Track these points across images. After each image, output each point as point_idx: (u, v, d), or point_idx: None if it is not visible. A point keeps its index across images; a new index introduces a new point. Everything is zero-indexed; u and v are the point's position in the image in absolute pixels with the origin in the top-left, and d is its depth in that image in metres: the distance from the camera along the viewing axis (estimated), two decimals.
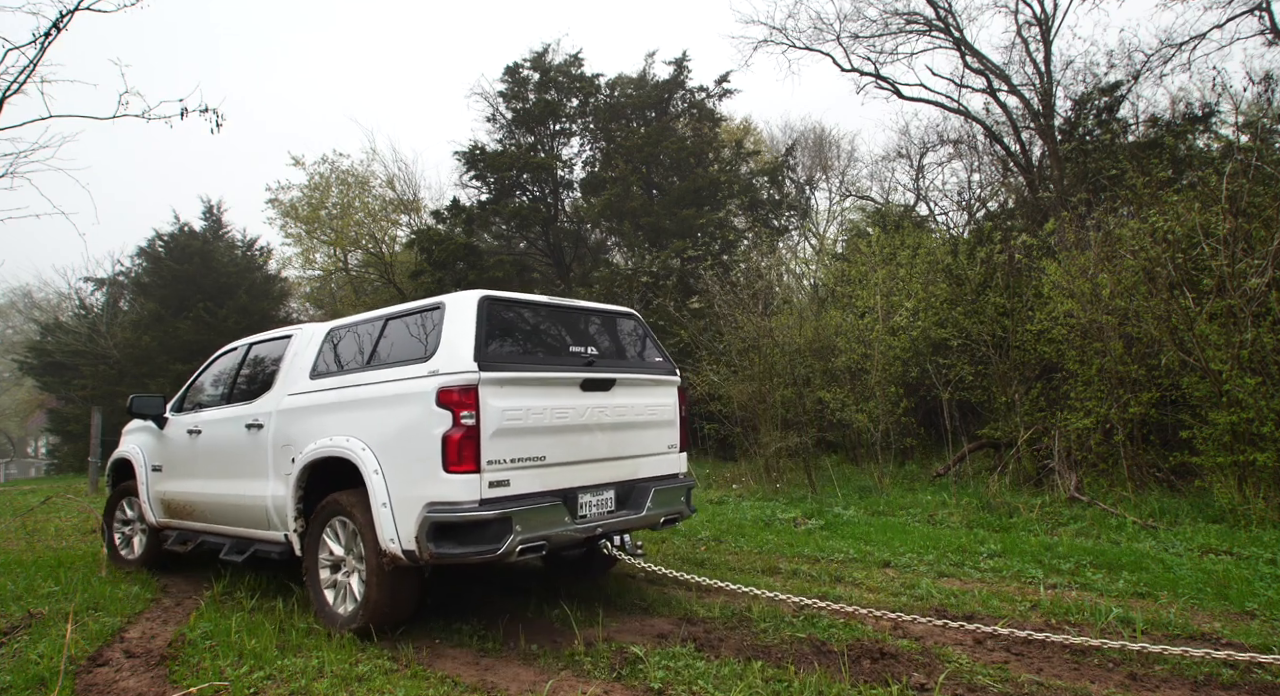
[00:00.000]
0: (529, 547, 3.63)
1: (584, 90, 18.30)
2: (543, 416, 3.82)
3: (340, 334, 4.60)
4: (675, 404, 4.70)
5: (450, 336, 3.72)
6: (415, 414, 3.62)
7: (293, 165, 22.08)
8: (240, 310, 21.87)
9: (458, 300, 3.90)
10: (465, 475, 3.48)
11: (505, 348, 3.88)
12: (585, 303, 4.69)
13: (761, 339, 9.51)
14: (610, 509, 4.15)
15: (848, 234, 18.43)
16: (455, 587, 4.98)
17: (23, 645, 3.92)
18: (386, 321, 4.29)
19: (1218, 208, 6.48)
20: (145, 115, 6.37)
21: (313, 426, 4.23)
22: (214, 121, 6.58)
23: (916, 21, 14.32)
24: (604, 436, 4.16)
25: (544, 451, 3.82)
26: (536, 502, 3.70)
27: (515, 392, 3.72)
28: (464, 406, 3.51)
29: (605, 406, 4.16)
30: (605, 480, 4.15)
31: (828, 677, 3.08)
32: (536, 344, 4.16)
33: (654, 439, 4.53)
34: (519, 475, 3.69)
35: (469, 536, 3.50)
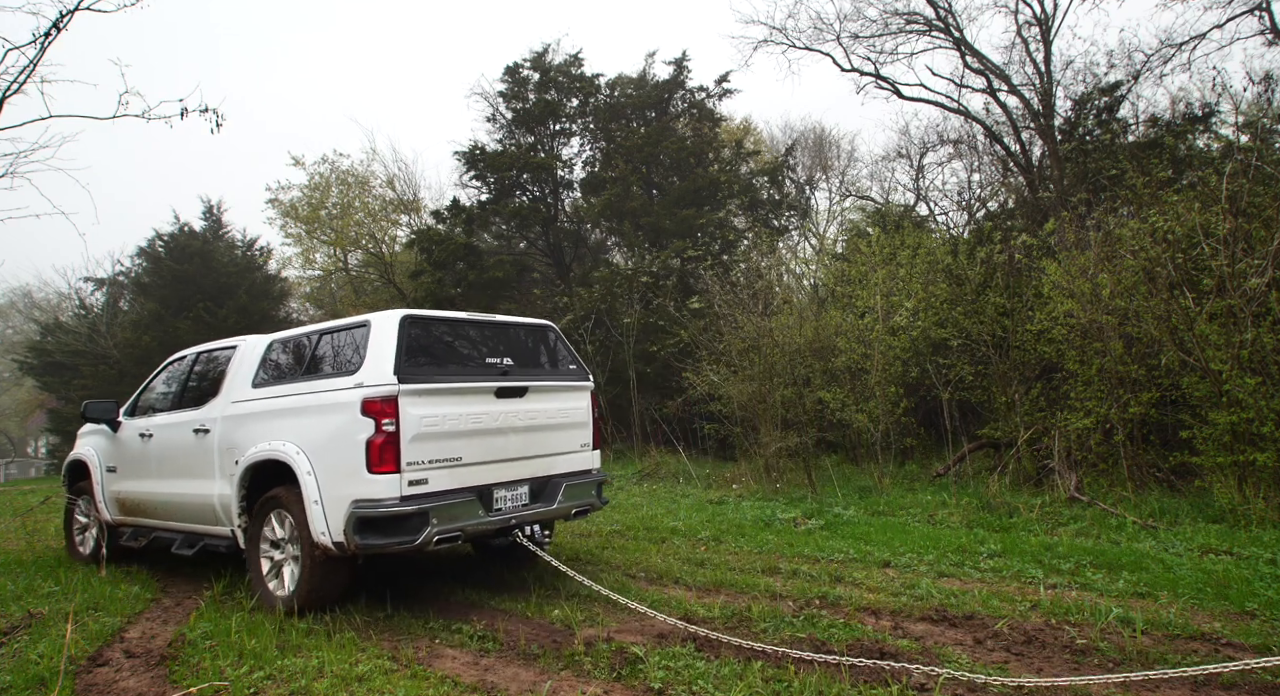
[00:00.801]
0: (445, 538, 4.10)
1: (584, 90, 18.30)
2: (459, 422, 4.30)
3: (280, 346, 5.04)
4: (588, 407, 5.20)
5: (374, 352, 4.19)
6: (343, 421, 4.08)
7: (293, 165, 22.10)
8: (240, 310, 21.87)
9: (382, 319, 4.35)
10: (387, 475, 3.95)
11: (425, 361, 4.32)
12: (502, 317, 5.11)
13: (761, 339, 9.51)
14: (524, 502, 4.63)
15: (848, 234, 18.43)
16: (456, 587, 4.98)
17: (23, 645, 3.92)
18: (321, 336, 4.76)
19: (1218, 208, 6.48)
20: (145, 115, 6.37)
21: (254, 431, 4.65)
22: (214, 121, 6.58)
23: (916, 21, 14.32)
24: (518, 438, 4.64)
25: (460, 453, 4.29)
26: (452, 498, 4.17)
27: (432, 401, 4.19)
28: (385, 415, 3.98)
29: (519, 411, 4.64)
30: (520, 477, 4.63)
31: (828, 677, 3.07)
32: (455, 356, 4.60)
33: (567, 439, 5.02)
34: (436, 474, 4.16)
35: (390, 529, 3.96)
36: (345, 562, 4.26)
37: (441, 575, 5.40)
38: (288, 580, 4.40)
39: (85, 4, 6.04)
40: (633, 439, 13.44)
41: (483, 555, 5.81)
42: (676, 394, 12.59)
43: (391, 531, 3.96)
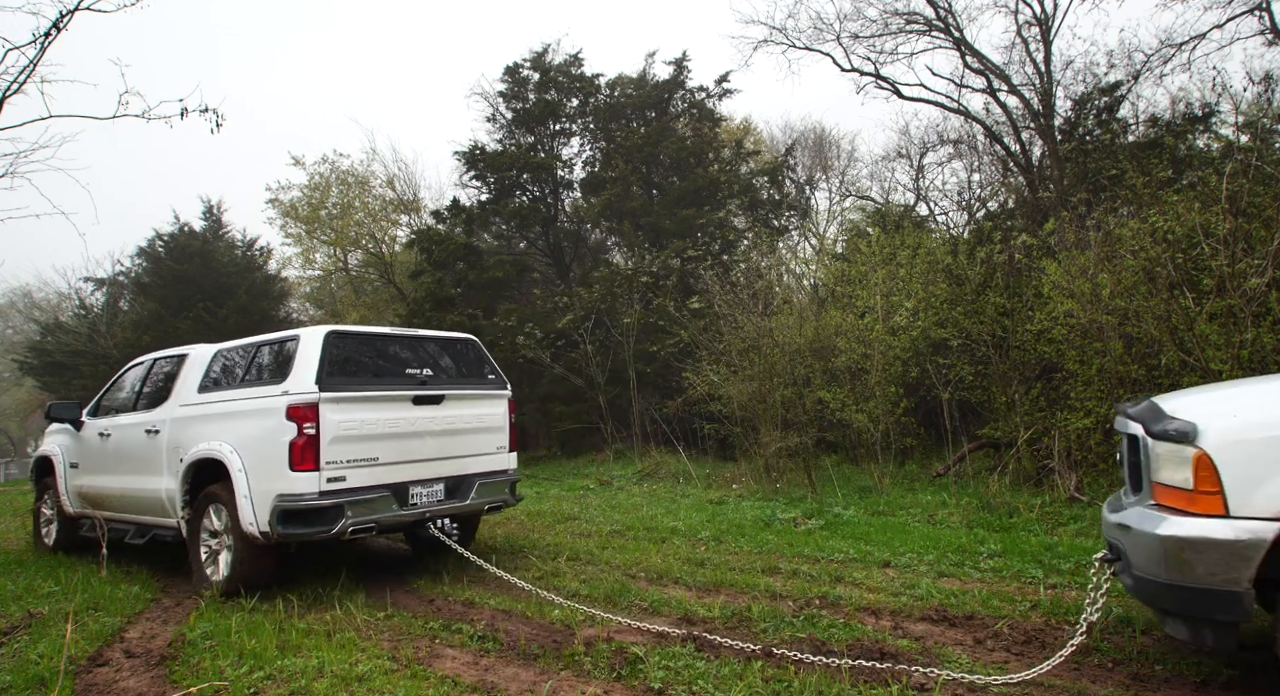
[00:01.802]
0: (360, 529, 4.63)
1: (584, 90, 18.29)
2: (376, 426, 4.81)
3: (224, 356, 5.55)
4: (505, 413, 5.72)
5: (300, 363, 4.69)
6: (270, 425, 4.58)
7: (293, 165, 22.11)
8: (240, 310, 21.87)
9: (309, 333, 4.87)
10: (307, 473, 4.48)
11: (347, 372, 4.83)
12: (424, 331, 5.63)
13: (761, 339, 9.51)
14: (440, 498, 5.17)
15: (848, 234, 18.43)
16: (456, 587, 4.98)
17: (23, 645, 3.92)
18: (259, 347, 5.27)
19: (1218, 208, 6.48)
20: (145, 115, 6.37)
21: (197, 433, 5.16)
22: (214, 121, 6.58)
23: (916, 21, 14.32)
24: (434, 441, 5.15)
25: (377, 453, 4.81)
26: (367, 494, 4.70)
27: (351, 408, 4.71)
28: (306, 420, 4.50)
29: (435, 417, 5.15)
30: (435, 475, 5.16)
31: (828, 677, 3.07)
32: (376, 368, 5.11)
33: (483, 442, 5.53)
34: (354, 472, 4.69)
35: (309, 520, 4.48)
36: (272, 550, 4.74)
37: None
38: (223, 566, 4.90)
39: (85, 4, 6.04)
40: (633, 439, 13.44)
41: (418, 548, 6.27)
42: (676, 394, 12.59)
43: (310, 522, 4.49)
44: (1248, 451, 2.50)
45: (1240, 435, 2.54)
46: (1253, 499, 2.46)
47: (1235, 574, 2.43)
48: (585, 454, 14.90)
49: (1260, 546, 2.40)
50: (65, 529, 6.65)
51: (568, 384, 14.94)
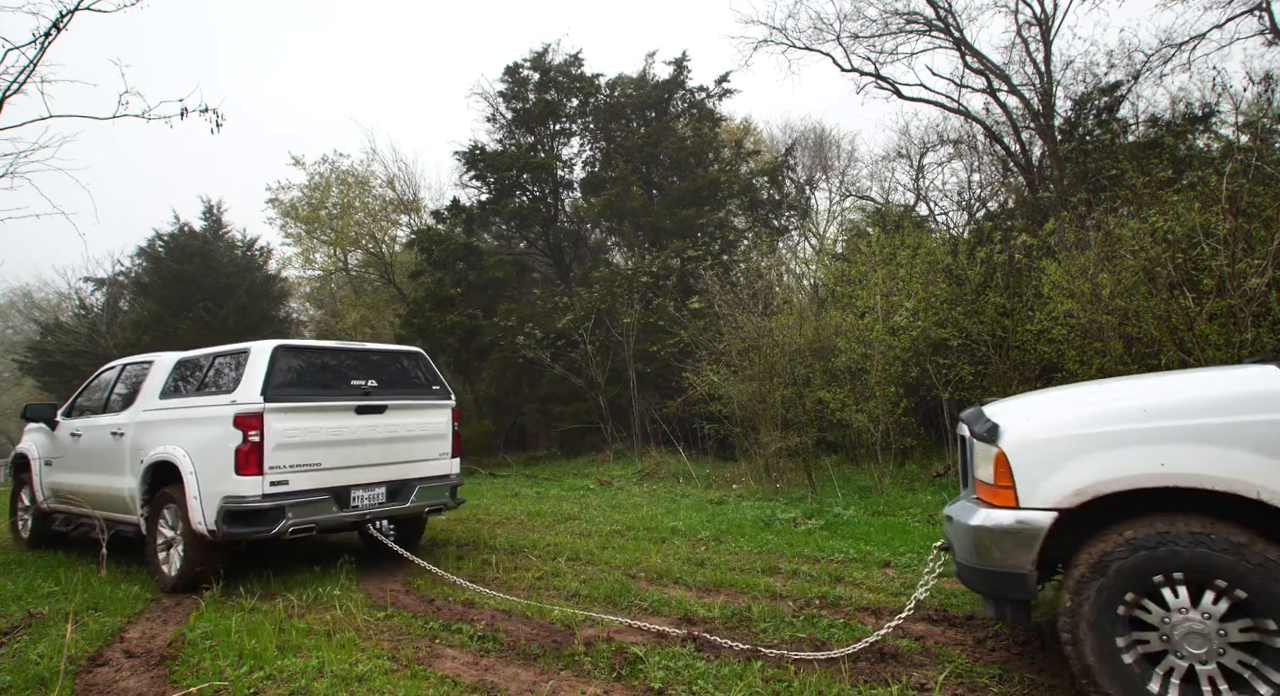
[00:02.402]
0: (300, 529, 4.97)
1: (584, 90, 18.29)
2: (319, 434, 5.15)
3: (185, 365, 5.90)
4: (448, 422, 6.05)
5: (249, 375, 5.06)
6: (219, 432, 4.93)
7: (293, 165, 22.11)
8: (240, 310, 21.86)
9: (258, 347, 5.22)
10: (251, 477, 4.82)
11: (292, 383, 5.14)
12: (371, 344, 5.94)
13: (761, 339, 9.51)
14: (381, 501, 5.49)
15: (848, 234, 18.43)
16: (456, 588, 4.99)
17: (23, 645, 3.92)
18: (215, 358, 5.62)
19: (1218, 208, 6.48)
20: (145, 115, 6.37)
21: (156, 436, 5.49)
22: (214, 121, 6.58)
23: (916, 21, 14.32)
24: (376, 447, 5.49)
25: (319, 459, 5.14)
26: (309, 497, 5.03)
27: (294, 417, 5.04)
28: (252, 428, 4.84)
29: (378, 425, 5.49)
30: (377, 479, 5.48)
31: (828, 677, 3.08)
32: (322, 379, 5.41)
33: (426, 448, 5.86)
34: (296, 477, 5.02)
35: (252, 520, 4.81)
36: (218, 548, 5.08)
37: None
38: (175, 561, 5.22)
39: (85, 4, 6.05)
40: (633, 439, 13.44)
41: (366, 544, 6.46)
42: (676, 394, 12.59)
43: (253, 522, 4.82)
44: (1035, 451, 2.82)
45: (1030, 437, 2.85)
46: (1036, 492, 2.77)
47: (1021, 558, 2.77)
48: (585, 454, 14.90)
49: (1039, 534, 2.73)
50: (39, 523, 6.95)
51: (568, 384, 14.94)
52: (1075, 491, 2.70)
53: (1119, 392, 2.96)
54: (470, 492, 11.01)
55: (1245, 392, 2.65)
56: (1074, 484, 2.70)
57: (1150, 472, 2.60)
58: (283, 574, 5.46)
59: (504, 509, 8.91)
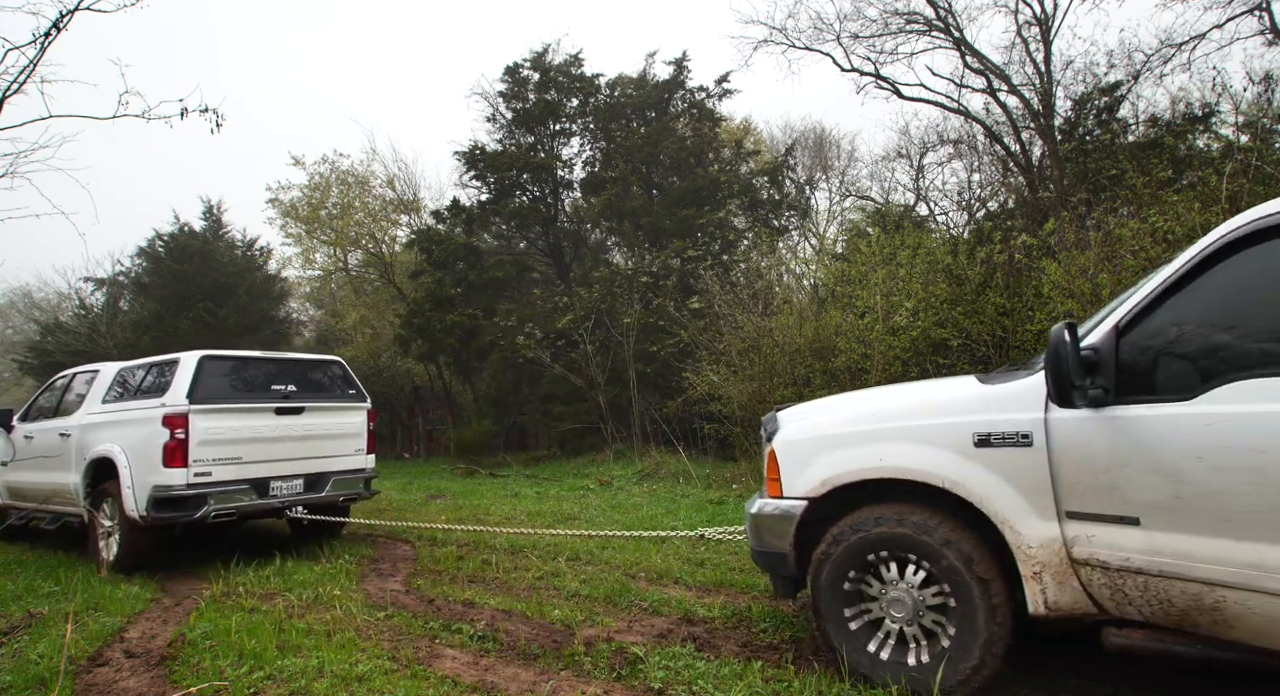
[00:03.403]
0: (221, 514, 5.67)
1: (584, 90, 18.30)
2: (240, 432, 5.85)
3: (125, 372, 6.61)
4: (363, 422, 6.78)
5: (177, 381, 5.75)
6: (150, 431, 5.60)
7: (293, 165, 22.11)
8: (240, 310, 21.87)
9: (187, 356, 5.93)
10: (178, 469, 5.53)
11: (217, 388, 5.85)
12: (292, 354, 6.78)
13: (761, 339, 9.51)
14: (299, 491, 6.21)
15: (848, 234, 18.43)
16: (456, 587, 4.98)
17: (23, 645, 3.92)
18: (150, 367, 6.31)
19: (1218, 208, 6.48)
20: (145, 115, 6.36)
21: (98, 436, 6.18)
22: (214, 121, 6.57)
23: (916, 21, 14.33)
24: (294, 444, 6.18)
25: (240, 454, 5.85)
26: (230, 487, 5.75)
27: (217, 417, 5.74)
28: (178, 427, 5.54)
29: (296, 424, 6.20)
30: (295, 472, 6.19)
31: (828, 677, 3.08)
32: (246, 384, 6.13)
33: (341, 446, 6.57)
34: (219, 469, 5.72)
35: (177, 506, 5.53)
36: (150, 532, 5.72)
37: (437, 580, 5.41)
38: (113, 547, 5.88)
39: (85, 4, 6.04)
40: (633, 439, 13.44)
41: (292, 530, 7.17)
42: (676, 394, 12.59)
43: (178, 508, 5.53)
44: (795, 449, 3.32)
45: (793, 437, 3.36)
46: (794, 484, 3.25)
47: (782, 539, 3.25)
48: (585, 454, 14.90)
49: (794, 519, 3.21)
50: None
51: (568, 384, 14.94)
52: (820, 482, 3.17)
53: (868, 399, 3.45)
54: (471, 493, 11.00)
55: (943, 399, 3.07)
56: (820, 476, 3.18)
57: (872, 466, 3.06)
58: (283, 574, 5.46)
59: (504, 509, 8.91)
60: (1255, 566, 2.27)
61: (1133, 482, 2.53)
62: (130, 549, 5.77)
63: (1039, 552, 2.71)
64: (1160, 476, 2.46)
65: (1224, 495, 2.33)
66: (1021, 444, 2.78)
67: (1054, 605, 2.71)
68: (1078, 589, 2.67)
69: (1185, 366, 2.52)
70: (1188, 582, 2.44)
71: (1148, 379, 2.57)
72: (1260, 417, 2.25)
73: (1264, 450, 2.24)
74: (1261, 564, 2.26)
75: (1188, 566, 2.42)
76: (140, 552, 5.79)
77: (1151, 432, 2.49)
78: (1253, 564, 2.27)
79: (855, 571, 3.05)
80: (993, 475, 2.82)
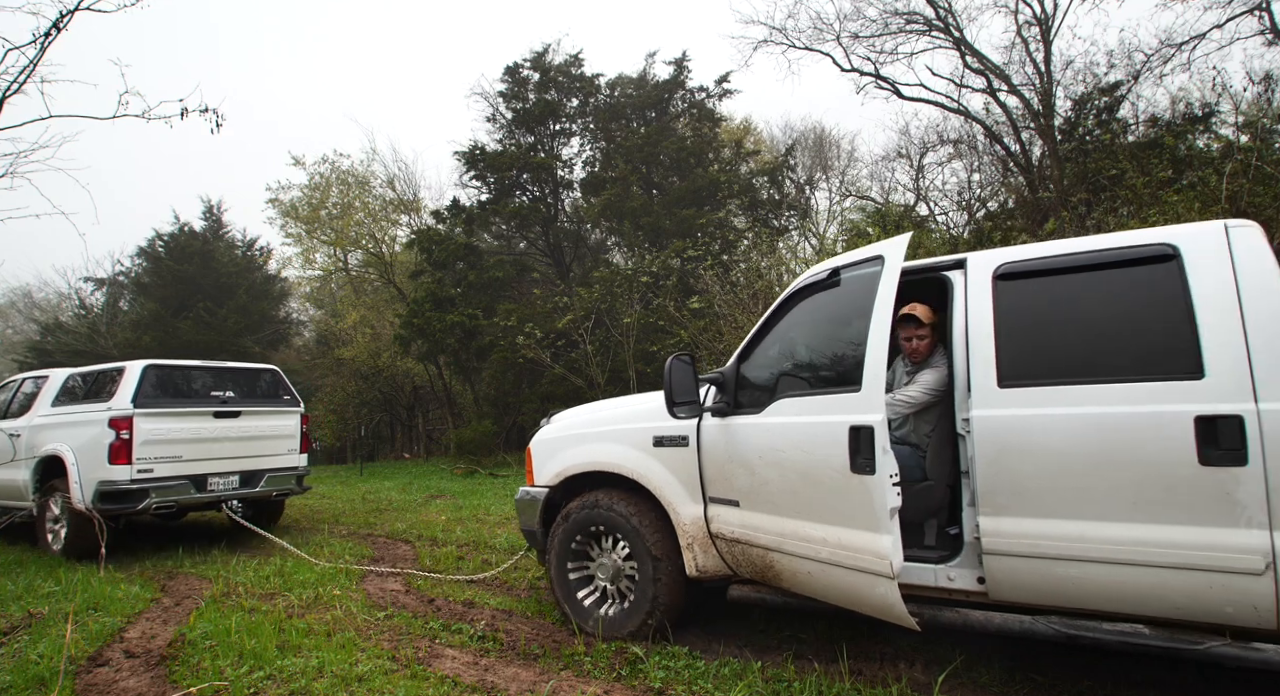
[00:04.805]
0: (162, 507, 6.32)
1: (584, 90, 18.30)
2: (181, 433, 6.46)
3: (73, 378, 7.20)
4: (296, 425, 7.41)
5: (123, 387, 6.32)
6: (98, 431, 6.18)
7: (293, 165, 22.10)
8: (240, 310, 21.88)
9: (132, 365, 6.53)
10: (122, 466, 6.09)
11: (160, 393, 6.45)
12: (230, 363, 7.39)
13: None
14: (235, 486, 6.79)
15: (848, 234, 18.40)
16: (455, 587, 4.98)
17: (23, 645, 3.92)
18: (98, 374, 6.92)
19: (1218, 207, 6.48)
20: (145, 115, 6.37)
21: (47, 436, 6.74)
22: (214, 121, 6.58)
23: (916, 21, 14.32)
24: (231, 444, 6.80)
25: (180, 453, 6.44)
26: (170, 483, 6.33)
27: (159, 420, 6.34)
28: (123, 428, 6.13)
29: (232, 427, 6.82)
30: (232, 469, 6.78)
31: (828, 678, 3.07)
32: (187, 390, 6.73)
33: (276, 446, 7.18)
34: (160, 466, 6.31)
35: (121, 499, 6.09)
36: (94, 523, 6.11)
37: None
38: (60, 536, 6.50)
39: (85, 4, 6.05)
40: None
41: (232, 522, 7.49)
42: None
43: (122, 501, 6.09)
44: (542, 447, 4.23)
45: (541, 437, 4.30)
46: (540, 475, 4.16)
47: (532, 519, 4.16)
48: None
49: (539, 503, 4.11)
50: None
51: (568, 384, 14.94)
52: (556, 474, 4.05)
53: (599, 408, 4.32)
54: (471, 493, 11.00)
55: (640, 409, 3.87)
56: (555, 469, 4.07)
57: (588, 461, 3.92)
58: (283, 574, 5.46)
59: (504, 509, 8.91)
60: (783, 535, 3.09)
61: (734, 474, 3.34)
62: (77, 539, 6.30)
63: (691, 528, 3.54)
64: (745, 469, 3.28)
65: (769, 483, 3.15)
66: (681, 444, 3.61)
67: (703, 569, 3.54)
68: (715, 556, 3.52)
69: (763, 386, 3.36)
70: (757, 548, 3.26)
71: (748, 395, 3.38)
72: (781, 426, 3.10)
73: (782, 449, 3.08)
74: (783, 533, 3.09)
75: (757, 536, 3.23)
76: (87, 542, 6.21)
77: (742, 436, 3.30)
78: (782, 533, 3.10)
79: (577, 542, 3.89)
80: (664, 469, 3.65)
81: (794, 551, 3.03)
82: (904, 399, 3.40)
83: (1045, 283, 2.84)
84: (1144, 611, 2.51)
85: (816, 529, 2.93)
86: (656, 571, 3.55)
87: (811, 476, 2.93)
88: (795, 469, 3.01)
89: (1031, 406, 2.69)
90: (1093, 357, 2.65)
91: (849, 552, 2.79)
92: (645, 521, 3.63)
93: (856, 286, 3.01)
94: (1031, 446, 2.66)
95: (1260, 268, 2.44)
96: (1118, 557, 2.47)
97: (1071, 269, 2.80)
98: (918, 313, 3.51)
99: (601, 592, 3.82)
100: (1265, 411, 2.29)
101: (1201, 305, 2.46)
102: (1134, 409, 2.49)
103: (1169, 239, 2.63)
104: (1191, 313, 2.47)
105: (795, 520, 3.02)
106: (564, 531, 3.89)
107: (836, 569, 2.86)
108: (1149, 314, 2.58)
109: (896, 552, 2.66)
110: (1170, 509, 2.40)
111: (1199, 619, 2.41)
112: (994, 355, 2.82)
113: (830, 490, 2.86)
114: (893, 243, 2.91)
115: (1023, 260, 2.92)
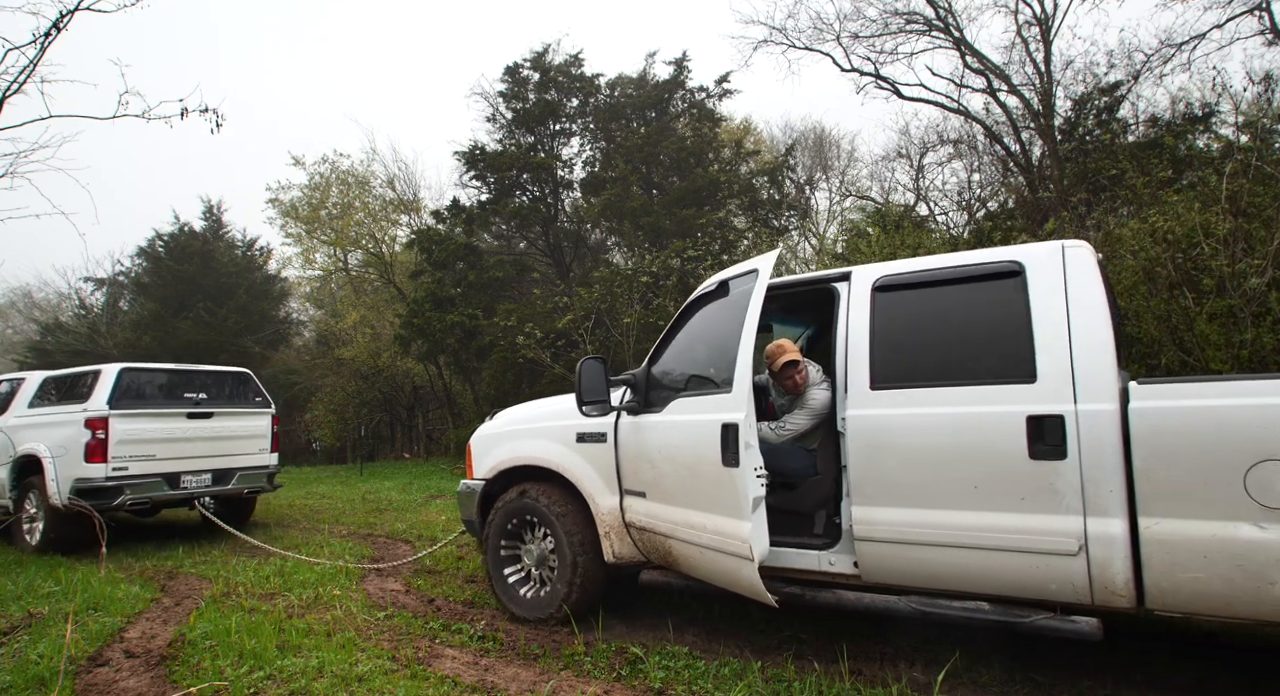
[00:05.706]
0: (136, 503, 6.60)
1: (584, 90, 18.28)
2: (155, 433, 6.73)
3: (49, 381, 7.46)
4: (268, 425, 7.70)
5: (99, 389, 6.58)
6: (74, 431, 6.44)
7: (293, 165, 22.07)
8: (240, 310, 21.87)
9: (108, 367, 6.77)
10: (98, 464, 6.37)
11: (136, 395, 6.71)
12: (204, 367, 7.62)
13: None
14: (208, 484, 7.07)
15: (848, 234, 18.40)
16: (455, 587, 4.98)
17: (23, 645, 3.92)
18: (75, 376, 7.13)
19: (1218, 207, 6.48)
20: (145, 115, 6.36)
21: (24, 436, 7.01)
22: (214, 121, 6.57)
23: (916, 21, 14.32)
24: (204, 444, 7.08)
25: (154, 452, 6.72)
26: (144, 480, 6.59)
27: (134, 420, 6.61)
28: (99, 428, 6.39)
29: (205, 427, 7.11)
30: (204, 468, 7.06)
31: (828, 678, 3.08)
32: (161, 392, 6.98)
33: (247, 445, 7.46)
34: (135, 464, 6.58)
35: (96, 495, 6.32)
36: (70, 519, 6.37)
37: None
38: (38, 533, 6.76)
39: (85, 4, 6.04)
40: None
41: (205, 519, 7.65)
42: None
43: (97, 497, 6.30)
44: (480, 443, 4.53)
45: (480, 433, 4.59)
46: (479, 468, 4.46)
47: (471, 509, 4.47)
48: None
49: (476, 494, 4.41)
50: None
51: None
52: (491, 468, 4.34)
53: (532, 406, 4.57)
54: None
55: (565, 407, 4.06)
56: (490, 463, 4.35)
57: (519, 456, 4.21)
58: (283, 574, 5.46)
59: None
60: (676, 523, 3.36)
61: (642, 468, 3.61)
62: (53, 535, 6.57)
63: (609, 518, 3.82)
64: (649, 463, 3.55)
65: (667, 476, 3.44)
66: (600, 440, 3.87)
67: (619, 555, 3.81)
68: (630, 543, 3.80)
69: (668, 387, 3.61)
70: (659, 536, 3.53)
71: (656, 395, 3.62)
72: (676, 424, 3.39)
73: (675, 445, 3.38)
74: (676, 521, 3.36)
75: (659, 524, 3.49)
76: (62, 538, 6.52)
77: (648, 433, 3.58)
78: (675, 522, 3.37)
79: (510, 528, 4.19)
80: (586, 463, 3.92)
81: (684, 537, 3.32)
82: (792, 427, 3.67)
83: (916, 294, 3.14)
84: (988, 590, 2.79)
85: (699, 516, 3.23)
86: (575, 557, 3.85)
87: (695, 469, 3.23)
88: (684, 462, 3.31)
89: (897, 407, 2.98)
90: (951, 362, 2.94)
91: (722, 538, 3.06)
92: (566, 511, 3.93)
93: (738, 297, 3.28)
94: (896, 443, 2.96)
95: (1086, 284, 2.75)
96: (964, 542, 2.77)
97: (938, 282, 3.09)
98: (793, 354, 3.75)
99: (527, 574, 4.16)
100: (1083, 411, 2.58)
101: (1038, 316, 2.77)
102: (980, 409, 2.78)
103: (1017, 256, 2.93)
104: (1030, 323, 2.77)
105: (685, 509, 3.31)
106: (498, 520, 4.20)
107: (714, 552, 3.15)
108: (998, 324, 2.88)
109: (758, 539, 2.94)
110: (1006, 498, 2.69)
111: (1033, 596, 2.70)
112: (868, 359, 3.09)
113: (710, 481, 3.13)
114: (765, 258, 3.19)
115: (898, 273, 3.21)
